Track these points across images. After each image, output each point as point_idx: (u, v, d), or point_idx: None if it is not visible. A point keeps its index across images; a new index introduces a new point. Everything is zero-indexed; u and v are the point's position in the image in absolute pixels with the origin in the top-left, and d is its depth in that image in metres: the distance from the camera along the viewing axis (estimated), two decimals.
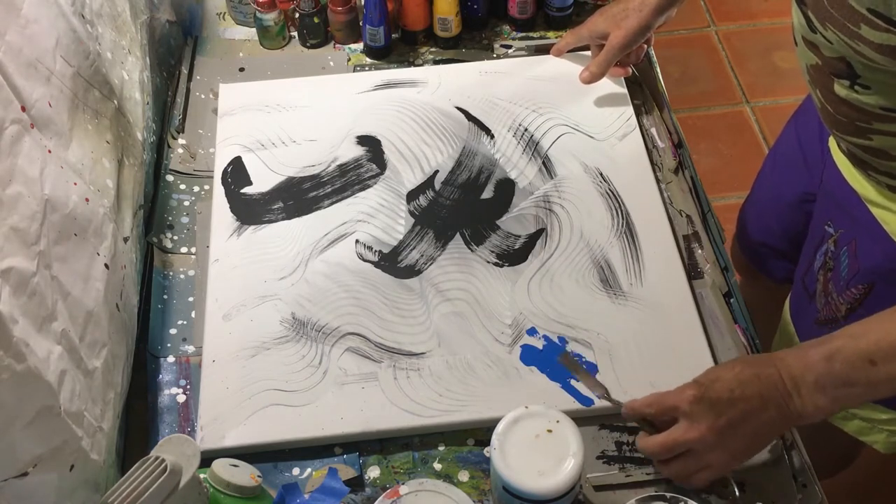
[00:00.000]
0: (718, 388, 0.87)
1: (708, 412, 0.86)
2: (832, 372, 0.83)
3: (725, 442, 0.87)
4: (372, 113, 1.29)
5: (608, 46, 1.24)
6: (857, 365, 0.82)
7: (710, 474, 0.91)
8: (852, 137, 0.98)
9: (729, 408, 0.86)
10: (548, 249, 1.13)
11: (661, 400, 0.91)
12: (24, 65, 0.85)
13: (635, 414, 0.94)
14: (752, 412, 0.86)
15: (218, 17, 1.46)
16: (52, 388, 0.77)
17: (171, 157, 1.26)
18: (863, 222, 1.05)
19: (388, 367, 1.03)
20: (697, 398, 0.87)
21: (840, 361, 0.83)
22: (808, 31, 0.91)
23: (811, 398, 0.84)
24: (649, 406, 0.92)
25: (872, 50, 0.82)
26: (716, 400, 0.86)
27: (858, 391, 0.84)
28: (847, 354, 0.83)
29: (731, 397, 0.86)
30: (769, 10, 2.63)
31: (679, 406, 0.88)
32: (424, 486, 0.91)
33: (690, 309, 1.08)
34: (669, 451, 0.90)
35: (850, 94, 0.92)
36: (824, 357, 0.84)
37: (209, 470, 0.88)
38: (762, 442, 0.91)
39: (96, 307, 0.91)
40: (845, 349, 0.83)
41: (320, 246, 1.14)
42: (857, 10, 0.80)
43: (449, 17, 1.37)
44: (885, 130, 0.93)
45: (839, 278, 1.10)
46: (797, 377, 0.85)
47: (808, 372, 0.84)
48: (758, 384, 0.86)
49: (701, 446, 0.88)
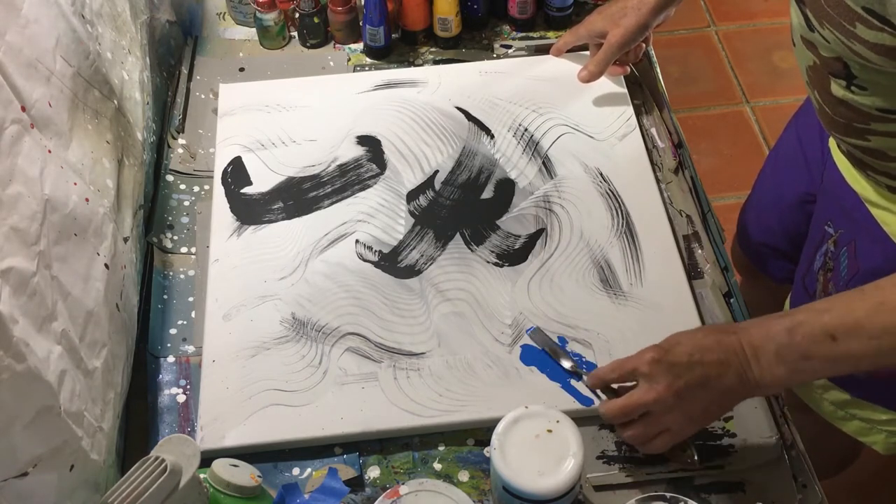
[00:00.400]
0: (678, 351, 0.88)
1: (666, 373, 0.87)
2: (792, 343, 0.84)
3: (683, 404, 0.88)
4: (372, 113, 1.29)
5: (606, 45, 1.24)
6: (818, 339, 0.83)
7: (668, 438, 0.91)
8: (850, 138, 0.98)
9: (687, 371, 0.87)
10: (548, 249, 1.13)
11: (621, 364, 0.92)
12: (24, 65, 0.85)
13: (598, 381, 0.95)
14: (710, 377, 0.87)
15: (218, 17, 1.46)
16: (52, 388, 0.77)
17: (171, 157, 1.26)
18: (862, 223, 1.05)
19: (388, 367, 1.03)
20: (656, 360, 0.88)
21: (801, 334, 0.84)
22: (807, 30, 0.91)
23: (770, 368, 0.85)
24: (612, 371, 0.93)
25: (868, 49, 0.82)
26: (675, 362, 0.87)
27: (817, 365, 0.85)
28: (809, 328, 0.83)
29: (690, 361, 0.87)
30: (769, 10, 2.63)
31: (638, 368, 0.89)
32: (424, 486, 0.91)
33: (690, 309, 1.08)
34: (628, 413, 0.91)
35: (847, 95, 0.92)
36: (786, 329, 0.84)
37: (209, 470, 0.88)
38: (720, 408, 0.92)
39: (96, 307, 0.91)
40: (807, 323, 0.84)
41: (320, 246, 1.14)
42: (852, 8, 0.80)
43: (449, 17, 1.37)
44: (883, 131, 0.93)
45: (839, 279, 1.10)
46: (757, 346, 0.85)
47: (768, 341, 0.85)
48: (718, 350, 0.87)
49: (659, 407, 0.88)
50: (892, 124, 0.91)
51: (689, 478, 0.96)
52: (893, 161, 0.96)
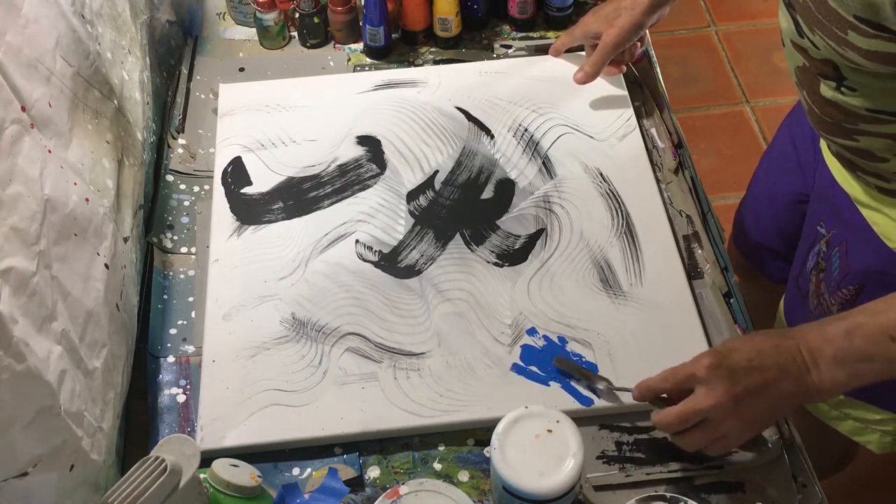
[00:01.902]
0: (736, 356, 0.86)
1: (725, 379, 0.85)
2: (852, 346, 0.83)
3: (742, 410, 0.86)
4: (372, 113, 1.29)
5: (601, 46, 1.23)
6: (877, 340, 0.82)
7: (724, 444, 0.90)
8: (839, 138, 0.98)
9: (746, 376, 0.85)
10: (548, 249, 1.13)
11: (675, 372, 0.90)
12: (24, 65, 0.85)
13: (649, 392, 0.92)
14: (769, 382, 0.85)
15: (218, 17, 1.46)
16: (52, 388, 0.77)
17: (171, 157, 1.26)
18: (853, 224, 1.05)
19: (388, 367, 1.03)
20: (715, 365, 0.86)
21: (860, 336, 0.83)
22: (797, 36, 0.91)
23: (829, 372, 0.84)
24: (664, 381, 0.91)
25: (860, 56, 0.82)
26: (734, 368, 0.86)
27: (877, 367, 0.84)
28: (867, 330, 0.83)
29: (748, 366, 0.85)
30: (769, 10, 2.62)
31: (696, 373, 0.87)
32: (424, 486, 0.91)
33: (690, 309, 1.08)
34: (686, 420, 0.88)
35: (836, 96, 0.92)
36: (844, 332, 0.84)
37: (209, 470, 0.88)
38: (778, 412, 0.91)
39: (96, 307, 0.91)
40: (866, 325, 0.83)
41: (320, 246, 1.14)
42: (844, 16, 0.80)
43: (449, 17, 1.37)
44: (871, 131, 0.93)
45: (831, 279, 1.10)
46: (815, 350, 0.84)
47: (826, 345, 0.84)
48: (776, 355, 0.85)
49: (717, 414, 0.86)
50: (880, 125, 0.91)
51: (689, 478, 0.96)
52: (882, 161, 0.96)
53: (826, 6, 0.81)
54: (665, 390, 0.92)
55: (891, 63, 0.81)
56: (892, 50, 0.79)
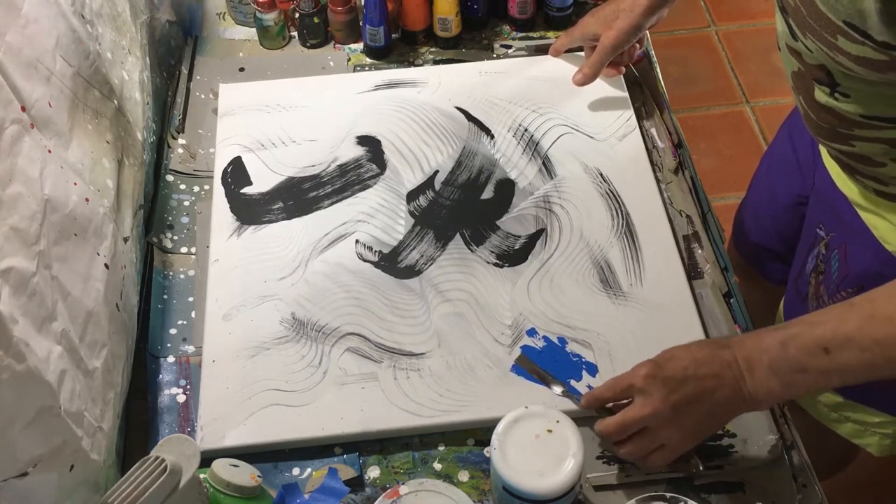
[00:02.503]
0: (673, 365, 0.88)
1: (661, 388, 0.87)
2: (786, 357, 0.84)
3: (679, 419, 0.88)
4: (372, 113, 1.29)
5: (600, 47, 1.23)
6: (812, 352, 0.83)
7: (665, 454, 0.91)
8: (835, 144, 0.98)
9: (682, 385, 0.87)
10: (548, 250, 1.13)
11: (616, 382, 0.92)
12: (24, 65, 0.85)
13: (595, 401, 0.95)
14: (705, 391, 0.86)
15: (218, 17, 1.46)
16: (52, 388, 0.77)
17: (171, 157, 1.26)
18: (852, 226, 1.05)
19: (388, 367, 1.03)
20: (651, 374, 0.88)
21: (795, 347, 0.83)
22: (791, 39, 0.91)
23: (764, 381, 0.85)
24: (607, 390, 0.93)
25: (850, 61, 0.82)
26: (670, 377, 0.87)
27: (811, 378, 0.84)
28: (802, 341, 0.83)
29: (685, 375, 0.87)
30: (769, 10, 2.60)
31: (634, 383, 0.89)
32: (424, 486, 0.91)
33: (690, 309, 1.08)
34: (624, 429, 0.90)
35: (831, 102, 0.92)
36: (780, 342, 0.84)
37: (209, 470, 0.88)
38: (715, 422, 0.92)
39: (96, 307, 0.91)
40: (801, 336, 0.84)
41: (320, 246, 1.14)
42: (833, 21, 0.80)
43: (449, 17, 1.37)
44: (867, 137, 0.93)
45: (830, 281, 1.10)
46: (751, 359, 0.85)
47: (762, 354, 0.85)
48: (712, 364, 0.87)
49: (655, 422, 0.88)
50: (875, 130, 0.91)
51: (689, 478, 0.96)
52: (879, 166, 0.96)
53: (817, 10, 0.81)
54: (609, 399, 0.94)
55: (879, 70, 0.81)
56: (878, 57, 0.79)
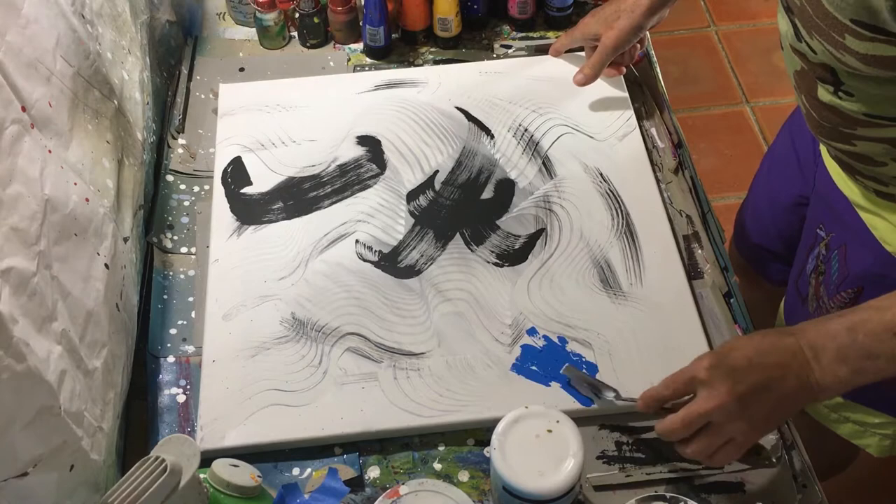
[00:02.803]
0: (736, 355, 0.85)
1: (727, 378, 0.84)
2: (855, 343, 0.82)
3: (746, 410, 0.84)
4: (372, 113, 1.29)
5: (601, 48, 1.23)
6: (882, 337, 0.81)
7: (732, 449, 0.88)
8: (837, 143, 0.98)
9: (748, 374, 0.84)
10: (548, 249, 1.13)
11: (676, 377, 0.88)
12: (24, 65, 0.85)
13: (654, 402, 0.91)
14: (772, 380, 0.84)
15: (218, 17, 1.46)
16: (52, 388, 0.77)
17: (171, 157, 1.26)
18: (852, 227, 1.05)
19: (388, 367, 1.03)
20: (715, 365, 0.85)
21: (864, 333, 0.81)
22: (795, 40, 0.91)
23: (832, 368, 0.82)
24: (666, 387, 0.89)
25: (857, 60, 0.82)
26: (734, 367, 0.84)
27: (881, 364, 0.82)
28: (872, 326, 0.81)
29: (749, 364, 0.84)
30: (769, 10, 2.62)
31: (696, 375, 0.86)
32: (424, 486, 0.91)
33: (690, 309, 1.08)
34: (690, 424, 0.86)
35: (834, 101, 0.92)
36: (847, 328, 0.82)
37: (209, 470, 0.88)
38: (783, 413, 0.88)
39: (96, 307, 0.91)
40: (870, 321, 0.82)
41: (320, 246, 1.14)
42: (840, 20, 0.80)
43: (449, 17, 1.37)
44: (869, 136, 0.93)
45: (830, 282, 1.10)
46: (818, 347, 0.83)
47: (829, 341, 0.83)
48: (777, 353, 0.84)
49: (721, 416, 0.85)
50: (877, 129, 0.91)
51: (689, 478, 0.96)
52: (880, 166, 0.96)
53: (823, 10, 0.81)
54: (669, 397, 0.90)
55: (888, 67, 0.81)
56: (890, 53, 0.79)
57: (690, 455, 0.89)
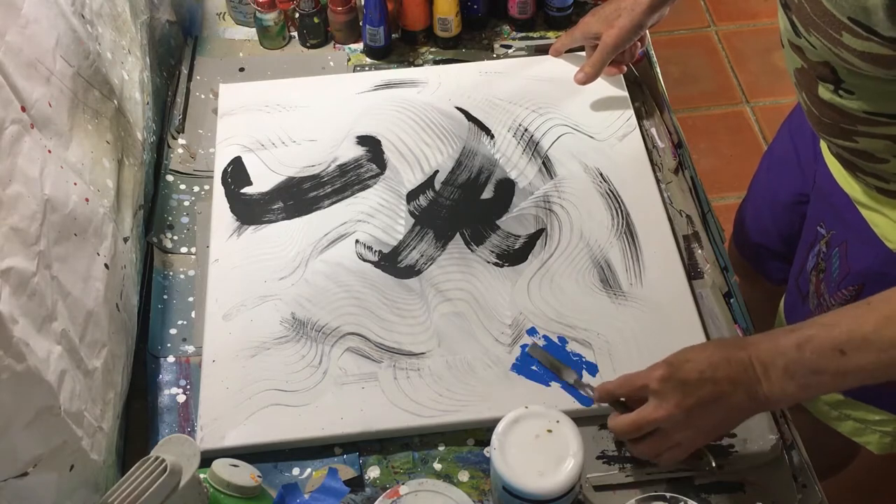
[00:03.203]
0: (688, 368, 0.87)
1: (676, 391, 0.87)
2: (802, 359, 0.83)
3: (693, 421, 0.88)
4: (372, 113, 1.29)
5: (601, 46, 1.23)
6: (827, 354, 0.82)
7: (679, 452, 0.91)
8: (838, 140, 0.98)
9: (698, 388, 0.86)
10: (548, 249, 1.13)
11: (630, 380, 0.91)
12: (24, 65, 0.85)
13: (606, 395, 0.94)
14: (720, 394, 0.86)
15: (218, 17, 1.46)
16: (52, 388, 0.77)
17: (171, 157, 1.26)
18: (853, 224, 1.05)
19: (388, 367, 1.03)
20: (666, 377, 0.87)
21: (811, 350, 0.83)
22: (794, 36, 0.91)
23: (780, 384, 0.84)
24: (620, 387, 0.92)
25: (855, 57, 0.82)
26: (685, 380, 0.87)
27: (826, 380, 0.84)
28: (818, 343, 0.83)
29: (700, 378, 0.86)
30: (769, 10, 2.62)
31: (648, 385, 0.88)
32: (424, 486, 0.91)
33: (690, 309, 1.08)
34: (638, 429, 0.90)
35: (834, 98, 0.92)
36: (795, 344, 0.84)
37: (209, 470, 0.88)
38: (730, 423, 0.92)
39: (96, 307, 0.91)
40: (816, 338, 0.83)
41: (320, 246, 1.14)
42: (838, 18, 0.80)
43: (449, 17, 1.37)
44: (870, 133, 0.93)
45: (830, 280, 1.10)
46: (767, 362, 0.85)
47: (778, 357, 0.84)
48: (728, 367, 0.86)
49: (669, 425, 0.88)
50: (879, 126, 0.91)
51: (689, 478, 0.96)
52: (881, 163, 0.96)
53: (821, 7, 0.82)
54: (622, 395, 0.93)
55: (884, 65, 0.81)
56: (884, 52, 0.79)
57: (638, 454, 0.94)
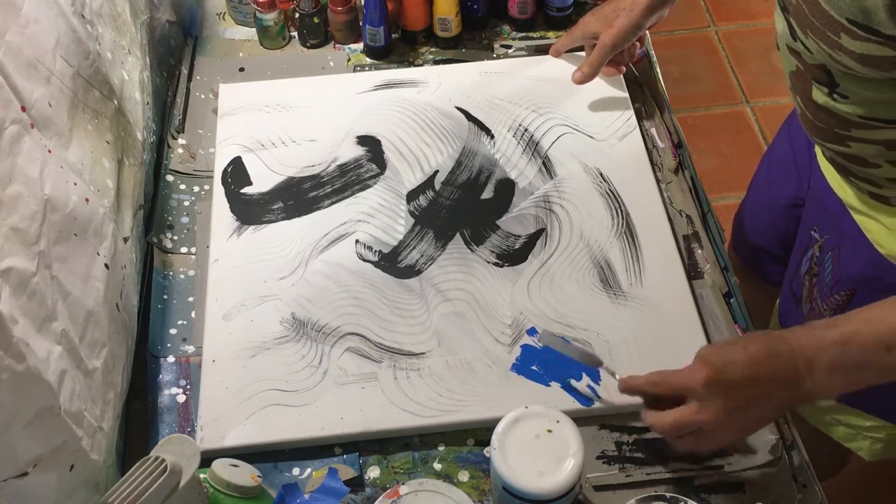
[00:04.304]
0: (732, 371, 0.86)
1: (721, 395, 0.86)
2: (846, 356, 0.83)
3: (736, 421, 0.88)
4: (372, 113, 1.29)
5: (599, 45, 1.23)
6: (873, 350, 0.82)
7: (716, 446, 0.93)
8: (831, 144, 0.98)
9: (742, 390, 0.86)
10: (548, 249, 1.13)
11: (667, 380, 0.90)
12: (24, 65, 0.85)
13: (634, 391, 0.94)
14: (764, 395, 0.86)
15: (218, 17, 1.46)
16: (52, 388, 0.77)
17: (171, 157, 1.26)
18: (846, 229, 1.05)
19: (388, 367, 1.03)
20: (711, 382, 0.86)
21: (855, 345, 0.83)
22: (790, 39, 0.91)
23: (824, 380, 0.84)
24: (654, 386, 0.92)
25: (852, 59, 0.82)
26: (729, 383, 0.86)
27: (870, 375, 0.84)
28: (862, 339, 0.82)
29: (743, 380, 0.86)
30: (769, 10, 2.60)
31: (690, 387, 0.87)
32: (424, 486, 0.91)
33: (690, 309, 1.08)
34: (681, 429, 0.89)
35: (829, 102, 0.92)
36: (840, 340, 0.83)
37: (209, 470, 0.88)
38: (770, 419, 0.94)
39: (96, 307, 0.91)
40: (861, 334, 0.83)
41: (320, 246, 1.14)
42: (836, 19, 0.80)
43: (449, 17, 1.37)
44: (863, 138, 0.92)
45: (823, 284, 1.10)
46: (811, 360, 0.84)
47: (822, 354, 0.84)
48: (771, 367, 0.85)
49: (713, 426, 0.87)
50: (872, 131, 0.91)
51: (689, 478, 0.96)
52: (874, 167, 0.96)
53: (819, 9, 0.81)
54: (654, 396, 0.93)
55: (883, 67, 0.81)
56: (884, 54, 0.79)
57: (674, 446, 0.94)
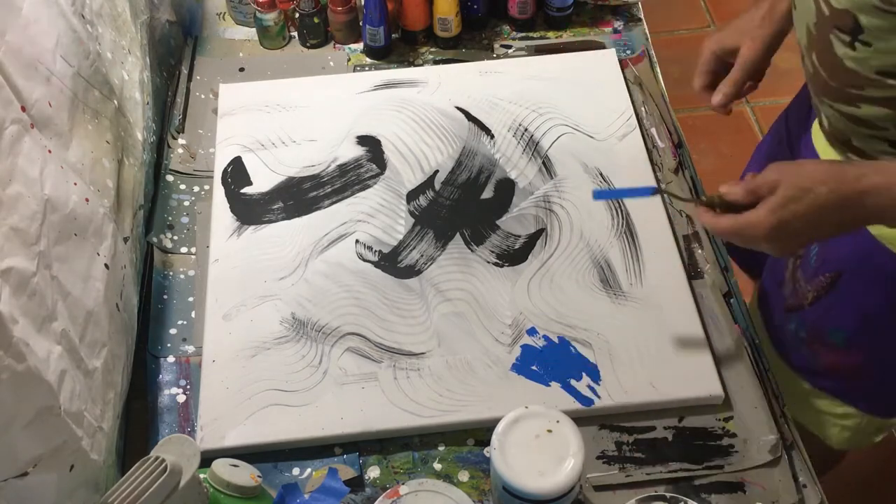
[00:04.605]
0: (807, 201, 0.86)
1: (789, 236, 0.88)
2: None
3: (787, 247, 0.91)
4: (372, 113, 1.29)
5: (741, 61, 1.10)
6: None
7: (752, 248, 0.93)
8: (840, 104, 0.97)
9: (808, 230, 0.88)
10: (548, 249, 1.13)
11: (755, 190, 0.89)
12: (24, 65, 0.85)
13: (721, 202, 0.92)
14: (821, 230, 0.89)
15: (218, 17, 1.46)
16: (52, 388, 0.77)
17: (171, 157, 1.26)
18: None
19: (388, 367, 1.03)
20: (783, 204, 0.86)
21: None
22: None
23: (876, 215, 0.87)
24: (745, 197, 0.90)
25: None
26: (796, 231, 0.87)
27: None
28: None
29: (809, 222, 0.86)
30: None
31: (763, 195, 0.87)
32: (424, 486, 0.91)
33: (690, 309, 1.08)
34: (735, 237, 0.91)
35: (847, 53, 0.91)
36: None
37: (209, 470, 0.88)
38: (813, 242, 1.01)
39: (96, 307, 0.91)
40: None
41: (320, 246, 1.14)
42: None
43: (449, 17, 1.37)
44: (875, 97, 0.92)
45: (808, 266, 1.09)
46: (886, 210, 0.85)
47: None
48: (839, 215, 0.86)
49: (766, 244, 0.89)
50: (886, 90, 0.91)
51: (689, 478, 0.96)
52: (881, 130, 0.95)
53: None
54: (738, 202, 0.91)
55: None
56: None
57: (716, 232, 0.99)
